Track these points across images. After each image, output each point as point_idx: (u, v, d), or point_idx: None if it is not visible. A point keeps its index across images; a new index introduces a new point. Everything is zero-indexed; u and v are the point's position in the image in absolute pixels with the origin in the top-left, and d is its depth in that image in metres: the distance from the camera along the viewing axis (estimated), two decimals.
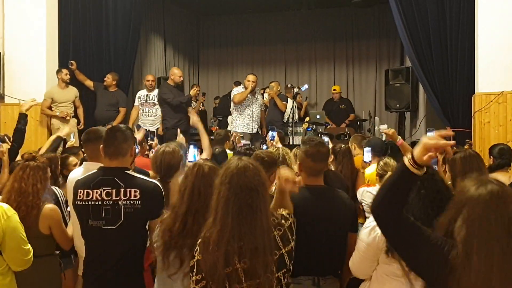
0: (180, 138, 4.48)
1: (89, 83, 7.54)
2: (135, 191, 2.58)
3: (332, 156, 4.16)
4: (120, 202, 2.56)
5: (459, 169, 2.80)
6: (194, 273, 1.93)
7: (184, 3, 10.78)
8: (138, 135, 4.85)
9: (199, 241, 1.97)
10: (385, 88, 8.79)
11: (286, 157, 3.48)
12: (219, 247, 1.86)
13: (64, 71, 7.04)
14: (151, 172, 3.49)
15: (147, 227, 2.66)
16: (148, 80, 7.62)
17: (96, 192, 2.59)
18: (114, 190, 2.58)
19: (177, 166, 3.22)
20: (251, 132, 7.26)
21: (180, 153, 3.30)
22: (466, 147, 2.97)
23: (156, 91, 7.55)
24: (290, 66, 11.70)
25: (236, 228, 1.87)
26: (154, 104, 7.49)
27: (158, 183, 2.76)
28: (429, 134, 7.43)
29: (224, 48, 12.03)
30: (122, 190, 2.58)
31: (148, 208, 2.60)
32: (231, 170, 1.95)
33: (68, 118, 6.96)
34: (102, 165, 2.75)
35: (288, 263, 2.04)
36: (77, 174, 3.07)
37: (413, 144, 6.72)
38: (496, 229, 1.54)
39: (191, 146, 3.84)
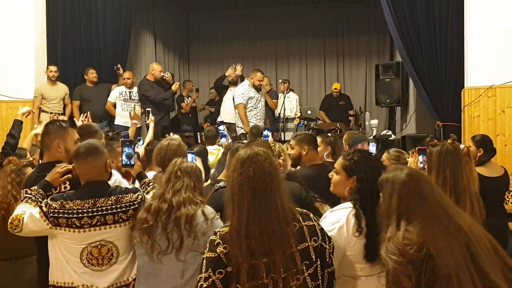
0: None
1: None
2: (64, 183, 2.64)
3: (330, 148, 4.07)
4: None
5: (434, 163, 2.83)
6: (223, 266, 1.87)
7: None
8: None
9: (219, 233, 1.92)
10: (375, 83, 8.80)
11: (281, 153, 3.71)
12: (240, 233, 1.85)
13: (51, 68, 6.93)
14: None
15: None
16: (129, 78, 7.34)
17: (32, 190, 2.58)
18: None
19: None
20: None
21: (185, 148, 3.31)
22: (449, 141, 2.95)
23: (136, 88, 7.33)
24: (280, 62, 11.66)
25: (252, 212, 1.86)
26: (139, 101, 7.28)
27: None
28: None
29: (214, 43, 11.97)
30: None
31: None
32: (242, 157, 1.95)
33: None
34: None
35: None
36: None
37: (404, 138, 6.77)
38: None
39: (189, 155, 3.65)
